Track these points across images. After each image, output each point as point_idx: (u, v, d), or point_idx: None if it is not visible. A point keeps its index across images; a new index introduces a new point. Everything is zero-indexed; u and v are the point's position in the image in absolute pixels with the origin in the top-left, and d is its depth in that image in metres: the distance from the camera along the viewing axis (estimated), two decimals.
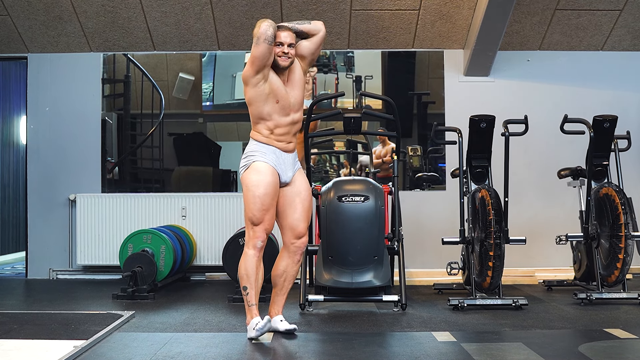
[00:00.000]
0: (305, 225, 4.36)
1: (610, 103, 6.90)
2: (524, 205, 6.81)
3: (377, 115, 6.80)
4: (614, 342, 3.97)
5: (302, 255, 4.45)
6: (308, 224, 4.41)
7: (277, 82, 4.24)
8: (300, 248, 4.35)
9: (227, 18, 6.79)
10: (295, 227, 4.32)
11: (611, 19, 6.81)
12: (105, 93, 7.26)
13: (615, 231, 5.26)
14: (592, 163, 5.50)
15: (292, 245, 4.34)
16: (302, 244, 4.36)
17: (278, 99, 4.23)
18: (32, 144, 7.17)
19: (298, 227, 4.33)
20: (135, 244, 6.09)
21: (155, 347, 3.87)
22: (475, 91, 7.03)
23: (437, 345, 3.90)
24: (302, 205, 4.36)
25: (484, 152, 5.50)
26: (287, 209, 4.33)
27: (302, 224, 4.34)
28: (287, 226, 4.33)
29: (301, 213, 4.34)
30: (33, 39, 6.99)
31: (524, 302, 5.04)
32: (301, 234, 4.33)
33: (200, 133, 7.38)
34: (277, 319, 4.32)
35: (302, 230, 4.34)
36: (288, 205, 4.33)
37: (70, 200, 7.03)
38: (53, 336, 4.10)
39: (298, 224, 4.33)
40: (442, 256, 6.38)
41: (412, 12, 6.73)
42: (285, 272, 4.35)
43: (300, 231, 4.33)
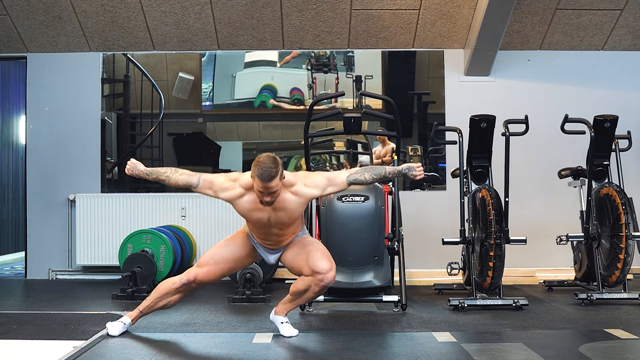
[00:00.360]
0: (323, 263, 4.04)
1: (610, 103, 6.89)
2: (524, 205, 6.80)
3: (377, 115, 6.79)
4: (615, 342, 3.96)
5: (324, 289, 4.15)
6: (329, 259, 4.09)
7: (249, 207, 4.00)
8: (323, 282, 4.06)
9: (227, 18, 6.78)
10: (315, 267, 4.03)
11: (612, 18, 6.80)
12: (105, 93, 7.26)
13: (616, 231, 5.25)
14: (593, 163, 5.49)
15: (316, 278, 4.06)
16: (324, 279, 4.05)
17: (253, 220, 4.04)
18: (32, 143, 7.16)
19: (316, 265, 4.03)
20: (134, 244, 6.08)
21: (155, 348, 3.86)
22: (475, 91, 7.03)
23: (437, 345, 3.89)
24: (309, 248, 4.13)
25: (485, 152, 5.49)
26: (300, 263, 4.13)
27: (320, 262, 4.04)
28: (309, 270, 4.06)
29: (314, 252, 4.09)
30: (32, 38, 6.98)
31: (525, 303, 5.03)
32: (322, 270, 4.03)
33: (200, 133, 7.37)
34: (279, 320, 4.29)
35: (321, 268, 4.03)
36: (298, 261, 4.14)
37: (69, 200, 7.03)
38: (52, 336, 4.08)
39: (314, 263, 4.04)
40: (443, 256, 6.34)
41: (413, 12, 6.72)
42: (302, 295, 4.19)
43: (319, 269, 4.03)
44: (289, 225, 4.10)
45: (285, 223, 4.07)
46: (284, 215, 4.02)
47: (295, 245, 4.21)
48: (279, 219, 4.02)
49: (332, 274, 4.05)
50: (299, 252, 4.16)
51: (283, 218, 4.02)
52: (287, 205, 3.99)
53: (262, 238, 4.16)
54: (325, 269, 4.03)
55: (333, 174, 4.10)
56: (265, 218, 4.01)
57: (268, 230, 4.09)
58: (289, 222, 4.08)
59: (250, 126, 7.48)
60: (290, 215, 4.04)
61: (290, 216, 4.04)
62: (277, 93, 7.24)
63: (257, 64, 7.28)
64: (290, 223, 4.10)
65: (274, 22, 6.81)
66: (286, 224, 4.09)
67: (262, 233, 4.13)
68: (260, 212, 3.99)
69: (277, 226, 4.06)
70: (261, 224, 4.05)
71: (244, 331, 4.33)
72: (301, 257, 4.13)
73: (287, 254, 4.22)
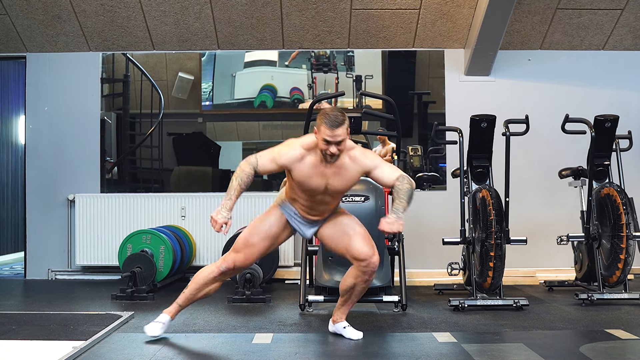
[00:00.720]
0: (365, 249, 3.96)
1: (611, 103, 6.90)
2: (524, 205, 6.79)
3: (378, 115, 6.79)
4: (616, 342, 3.96)
5: (373, 274, 4.06)
6: (369, 243, 4.00)
7: (308, 172, 3.87)
8: (369, 267, 3.98)
9: (227, 17, 6.77)
10: (357, 255, 3.96)
11: (612, 18, 6.79)
12: (104, 92, 7.24)
13: (617, 231, 5.25)
14: (594, 163, 5.49)
15: (360, 265, 4.00)
16: (369, 265, 3.97)
17: (309, 187, 3.91)
18: (31, 143, 7.15)
19: (359, 253, 3.96)
20: (134, 244, 6.07)
21: (154, 348, 3.85)
22: (476, 91, 7.02)
23: (437, 346, 3.89)
24: (350, 232, 4.03)
25: (485, 152, 5.48)
26: (340, 247, 4.05)
27: (361, 249, 3.96)
28: (351, 257, 4.00)
29: (354, 238, 4.00)
30: (32, 38, 6.96)
31: (525, 303, 5.03)
32: (365, 256, 3.95)
33: (200, 133, 7.36)
34: (341, 326, 4.21)
35: (364, 254, 3.95)
36: (338, 243, 4.05)
37: (69, 201, 7.01)
38: (52, 337, 4.07)
39: (356, 250, 3.97)
40: (443, 256, 6.36)
41: (413, 11, 6.72)
42: (353, 290, 4.13)
43: (362, 256, 3.96)
44: (340, 194, 4.03)
45: (338, 192, 3.97)
46: (341, 183, 3.91)
47: (333, 222, 4.10)
48: (335, 188, 3.91)
49: (376, 258, 3.97)
50: (338, 232, 4.05)
51: (339, 186, 3.91)
52: (345, 172, 3.88)
53: (308, 208, 4.03)
54: (368, 254, 3.95)
55: (388, 167, 3.95)
56: (323, 185, 3.90)
57: (321, 198, 3.97)
58: (343, 190, 4.00)
59: (250, 126, 7.47)
60: (347, 183, 3.93)
61: (346, 184, 3.94)
62: (277, 93, 7.23)
63: (257, 63, 7.28)
64: (342, 192, 4.03)
65: (274, 21, 6.80)
66: (339, 193, 4.00)
67: (311, 202, 4.00)
68: (319, 179, 3.88)
69: (332, 194, 3.96)
70: (317, 191, 3.93)
71: (243, 331, 4.33)
72: (341, 240, 4.03)
73: (325, 230, 4.11)
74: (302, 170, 3.86)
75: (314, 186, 3.90)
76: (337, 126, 3.71)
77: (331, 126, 3.71)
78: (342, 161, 3.87)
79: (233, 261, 4.06)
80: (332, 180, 3.89)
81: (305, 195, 3.97)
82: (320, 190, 3.92)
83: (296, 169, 3.86)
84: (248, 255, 4.05)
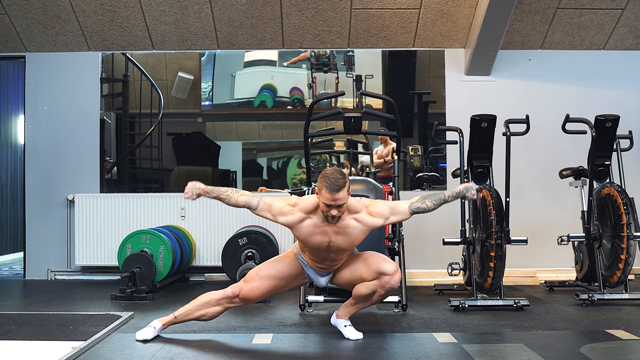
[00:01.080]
0: (388, 265, 3.98)
1: (612, 102, 6.89)
2: (525, 205, 6.77)
3: (378, 114, 6.78)
4: (616, 343, 3.94)
5: (390, 292, 4.08)
6: (391, 261, 4.04)
7: (309, 231, 3.93)
8: (389, 283, 4.00)
9: (227, 17, 6.76)
10: (381, 269, 3.98)
11: (613, 17, 6.78)
12: (104, 92, 7.23)
13: (617, 231, 5.24)
14: (594, 163, 5.48)
15: (382, 279, 4.01)
16: (391, 280, 3.99)
17: (312, 244, 3.97)
18: (30, 143, 7.13)
19: (382, 268, 3.98)
20: (134, 244, 6.05)
21: (154, 349, 3.84)
22: (476, 90, 7.00)
23: (438, 346, 3.88)
24: (366, 256, 4.09)
25: (485, 152, 5.47)
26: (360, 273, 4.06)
27: (384, 263, 3.99)
28: (374, 272, 4.01)
29: (374, 257, 4.05)
30: (31, 38, 6.95)
31: (526, 303, 5.02)
32: (389, 271, 3.98)
33: (200, 133, 7.36)
34: (342, 323, 4.21)
35: (387, 269, 3.97)
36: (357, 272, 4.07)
37: (68, 201, 7.00)
38: (51, 337, 4.06)
39: (379, 265, 3.99)
40: (443, 257, 6.35)
41: (413, 11, 6.70)
42: (369, 299, 4.12)
43: (386, 270, 3.98)
44: (347, 251, 4.06)
45: (344, 249, 4.02)
46: (345, 242, 3.96)
47: (347, 263, 4.14)
48: (338, 245, 3.97)
49: (398, 276, 3.99)
50: (354, 265, 4.09)
51: (343, 244, 3.97)
52: (349, 231, 3.93)
53: (316, 261, 4.10)
54: (392, 270, 3.98)
55: (396, 204, 4.05)
56: (326, 243, 3.95)
57: (325, 255, 4.03)
58: (348, 248, 4.04)
59: (250, 126, 7.46)
60: (351, 242, 3.98)
61: (351, 243, 3.99)
62: (277, 93, 7.22)
63: (257, 63, 7.27)
64: (349, 250, 4.06)
65: (274, 21, 6.79)
66: (345, 250, 4.04)
67: (318, 257, 4.07)
68: (321, 237, 3.93)
69: (335, 251, 4.01)
70: (320, 249, 3.99)
71: (243, 332, 4.32)
72: (359, 265, 4.07)
73: (340, 273, 4.15)
74: (302, 230, 3.94)
75: (316, 244, 3.96)
76: (338, 190, 3.76)
77: (332, 190, 3.76)
78: (345, 222, 3.93)
79: (239, 289, 4.08)
80: (335, 239, 3.95)
81: (310, 251, 4.05)
82: (324, 248, 3.97)
83: (296, 229, 3.96)
84: (254, 288, 4.07)
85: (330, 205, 3.78)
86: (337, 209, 3.79)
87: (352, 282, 4.12)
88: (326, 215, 3.83)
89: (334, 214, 3.80)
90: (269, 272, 4.09)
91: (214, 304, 4.11)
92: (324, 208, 3.81)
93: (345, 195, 3.79)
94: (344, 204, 3.81)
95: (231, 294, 4.07)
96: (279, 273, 4.10)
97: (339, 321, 4.22)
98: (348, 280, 4.12)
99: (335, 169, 3.85)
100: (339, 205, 3.78)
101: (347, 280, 4.13)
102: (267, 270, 4.10)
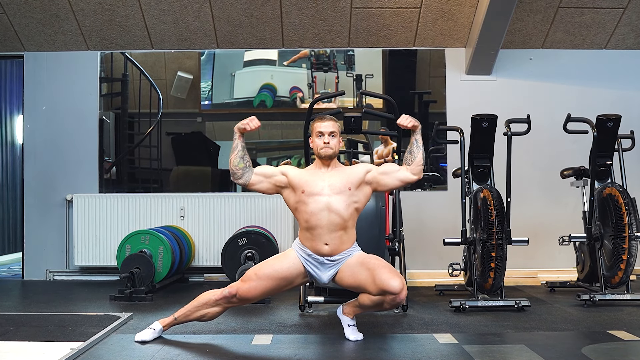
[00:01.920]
0: (394, 281, 3.86)
1: (613, 102, 6.87)
2: (526, 205, 6.76)
3: (378, 114, 6.76)
4: (618, 344, 3.93)
5: (392, 308, 4.00)
6: (398, 275, 3.92)
7: (306, 177, 4.05)
8: (395, 302, 3.91)
9: (226, 16, 6.74)
10: (386, 286, 3.86)
11: (615, 16, 6.76)
12: (103, 92, 7.21)
13: (619, 232, 5.22)
14: (596, 163, 5.46)
15: (387, 298, 3.92)
16: (396, 299, 3.90)
17: (308, 193, 3.99)
18: (29, 143, 7.12)
19: (387, 285, 3.86)
20: (133, 244, 6.04)
21: (153, 350, 3.83)
22: (477, 90, 6.99)
23: (438, 347, 3.87)
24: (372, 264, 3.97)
25: (486, 152, 5.47)
26: (364, 282, 3.96)
27: (390, 280, 3.87)
28: (377, 289, 3.91)
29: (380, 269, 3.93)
30: (30, 37, 6.94)
31: (527, 304, 5.01)
32: (394, 290, 3.86)
33: (199, 132, 7.34)
34: (346, 321, 4.17)
35: (393, 287, 3.86)
36: (361, 279, 3.97)
37: (67, 201, 6.99)
38: (50, 338, 4.05)
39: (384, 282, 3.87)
40: (444, 257, 6.33)
41: (414, 10, 6.69)
42: (372, 309, 4.08)
43: (391, 288, 3.87)
44: (345, 213, 3.98)
45: (342, 207, 3.96)
46: (340, 180, 4.01)
47: (352, 263, 4.04)
48: (336, 186, 4.00)
49: (404, 293, 3.89)
50: (359, 269, 3.99)
51: (339, 184, 4.00)
52: (343, 172, 4.08)
53: (316, 239, 3.99)
54: (397, 288, 3.86)
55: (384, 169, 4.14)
56: (324, 187, 3.99)
57: (326, 216, 3.95)
58: (346, 205, 3.98)
59: None
60: (347, 178, 4.02)
61: (346, 180, 4.01)
62: (277, 92, 7.20)
63: (257, 62, 7.25)
64: (346, 210, 3.99)
65: (274, 20, 6.77)
66: (343, 209, 3.97)
67: (318, 226, 3.96)
68: (318, 181, 4.01)
69: (335, 212, 3.95)
70: (319, 203, 3.96)
71: (243, 332, 4.31)
72: (364, 274, 3.96)
73: (344, 272, 4.04)
74: (301, 177, 4.06)
75: (315, 190, 3.98)
76: (328, 119, 4.10)
77: (321, 118, 4.11)
78: (340, 167, 4.15)
79: (237, 289, 4.03)
80: (333, 180, 4.01)
81: (310, 215, 3.98)
82: (324, 199, 3.97)
83: (295, 177, 4.06)
84: (252, 288, 4.02)
85: (323, 132, 4.05)
86: (329, 136, 4.05)
87: (355, 288, 4.06)
88: (321, 152, 4.05)
89: (326, 140, 4.03)
90: (267, 272, 4.03)
91: (213, 304, 4.08)
92: (318, 143, 4.06)
93: (336, 126, 4.08)
94: (335, 135, 4.06)
95: (228, 294, 4.03)
96: (277, 273, 4.04)
97: (344, 318, 4.19)
98: (351, 284, 4.05)
99: None
100: (330, 132, 4.05)
101: (349, 284, 4.06)
102: (266, 271, 4.04)
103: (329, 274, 4.08)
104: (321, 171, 4.08)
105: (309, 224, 4.00)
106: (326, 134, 4.04)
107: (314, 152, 4.14)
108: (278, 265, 4.07)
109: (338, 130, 4.08)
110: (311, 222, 3.99)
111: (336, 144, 4.07)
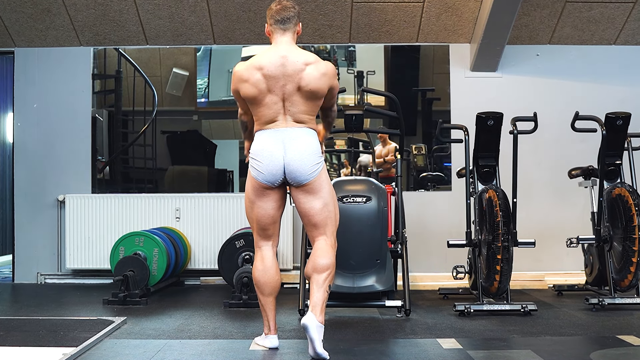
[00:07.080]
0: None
1: (623, 99, 6.82)
2: (533, 206, 6.73)
3: (380, 112, 6.74)
4: (628, 349, 3.90)
5: None
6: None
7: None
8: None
9: (223, 11, 6.71)
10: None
11: (624, 11, 6.72)
12: (96, 89, 7.21)
13: (629, 233, 5.18)
14: (605, 162, 5.42)
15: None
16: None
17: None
18: (19, 142, 7.09)
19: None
20: (126, 246, 6.00)
21: (148, 355, 3.79)
22: (482, 87, 6.96)
23: (442, 352, 3.83)
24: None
25: (492, 151, 5.44)
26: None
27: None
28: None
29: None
30: (20, 32, 6.91)
31: (533, 308, 5.00)
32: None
33: (195, 131, 7.36)
34: None
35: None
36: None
37: (59, 201, 6.95)
38: (41, 343, 4.02)
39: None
40: (448, 259, 6.30)
41: (417, 5, 6.65)
42: None
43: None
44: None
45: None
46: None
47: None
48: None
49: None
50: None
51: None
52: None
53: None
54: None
55: None
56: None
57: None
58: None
59: None
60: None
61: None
62: None
63: None
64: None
65: None
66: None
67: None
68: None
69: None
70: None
71: (240, 337, 4.28)
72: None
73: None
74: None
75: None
76: None
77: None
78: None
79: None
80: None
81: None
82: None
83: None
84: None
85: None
86: None
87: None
88: None
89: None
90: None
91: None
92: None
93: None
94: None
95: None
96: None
97: None
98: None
99: None
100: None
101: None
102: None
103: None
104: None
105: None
106: None
107: None
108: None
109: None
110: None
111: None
